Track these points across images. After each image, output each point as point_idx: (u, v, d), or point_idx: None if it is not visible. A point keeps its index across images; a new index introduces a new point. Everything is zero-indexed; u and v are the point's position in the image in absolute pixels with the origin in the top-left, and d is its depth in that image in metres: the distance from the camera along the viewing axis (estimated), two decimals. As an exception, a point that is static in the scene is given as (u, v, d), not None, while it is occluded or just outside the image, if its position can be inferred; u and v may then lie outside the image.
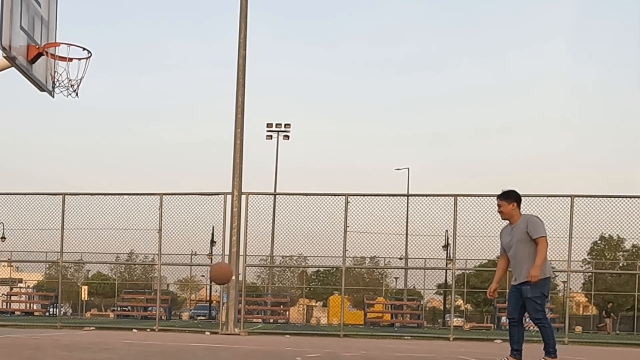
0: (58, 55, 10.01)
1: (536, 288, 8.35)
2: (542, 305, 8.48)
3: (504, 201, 8.59)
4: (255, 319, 33.74)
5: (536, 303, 8.39)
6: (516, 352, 8.60)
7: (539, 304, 8.41)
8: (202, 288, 55.95)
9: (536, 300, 8.38)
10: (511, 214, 8.56)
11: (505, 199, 8.58)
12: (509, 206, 8.55)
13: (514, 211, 8.56)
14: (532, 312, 8.46)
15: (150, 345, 11.54)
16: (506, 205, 8.56)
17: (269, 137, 53.57)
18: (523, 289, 8.41)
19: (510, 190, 8.66)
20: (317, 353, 10.61)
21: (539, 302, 8.40)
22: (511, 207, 8.55)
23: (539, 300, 8.39)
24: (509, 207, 8.55)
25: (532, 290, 8.35)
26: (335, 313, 39.46)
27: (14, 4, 8.99)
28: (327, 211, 18.80)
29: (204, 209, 19.09)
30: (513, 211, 8.55)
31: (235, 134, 18.34)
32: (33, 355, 8.42)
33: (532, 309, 8.43)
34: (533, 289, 8.35)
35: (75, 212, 19.60)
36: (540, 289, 8.39)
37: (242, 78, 18.24)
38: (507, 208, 8.56)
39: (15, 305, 40.64)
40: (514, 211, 8.55)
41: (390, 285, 49.36)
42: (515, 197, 8.60)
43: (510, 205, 8.55)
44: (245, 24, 18.22)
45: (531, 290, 8.36)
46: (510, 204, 8.55)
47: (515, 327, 8.61)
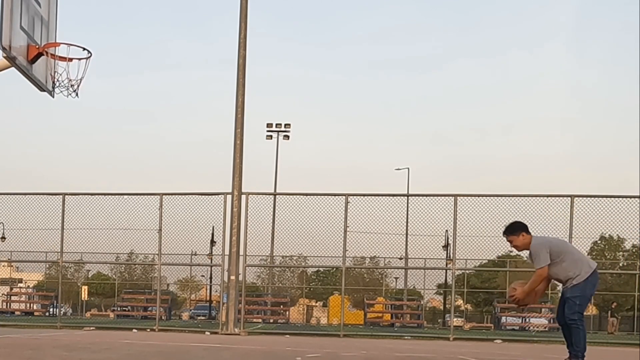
0: (58, 55, 10.01)
1: (576, 289, 8.29)
2: (581, 306, 8.36)
3: (512, 236, 8.49)
4: (255, 319, 33.74)
5: (573, 302, 8.30)
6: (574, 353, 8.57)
7: (577, 303, 8.31)
8: (202, 288, 55.95)
9: (574, 299, 8.30)
10: (524, 243, 8.47)
11: (512, 234, 8.50)
12: (519, 238, 8.46)
13: (526, 239, 8.45)
14: (567, 311, 8.38)
15: (150, 345, 11.54)
16: (517, 239, 8.47)
17: (269, 137, 53.58)
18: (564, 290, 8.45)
19: (513, 223, 8.59)
20: (317, 353, 10.61)
21: (577, 302, 8.31)
22: (522, 239, 8.46)
23: (576, 300, 8.30)
24: (520, 239, 8.46)
25: (570, 290, 8.32)
26: (335, 313, 39.46)
27: (14, 4, 8.98)
28: (327, 211, 18.82)
29: (204, 209, 19.11)
30: (525, 240, 8.45)
31: (235, 134, 18.35)
32: (33, 355, 8.43)
33: (568, 308, 8.35)
34: (572, 289, 8.31)
35: (75, 212, 19.62)
36: (579, 290, 8.30)
37: (242, 78, 18.25)
38: (519, 241, 8.47)
39: (15, 305, 40.65)
40: (525, 240, 8.45)
41: (390, 285, 49.37)
42: (521, 228, 8.51)
43: (521, 237, 8.46)
44: (245, 24, 18.23)
45: (570, 290, 8.33)
46: (519, 235, 8.46)
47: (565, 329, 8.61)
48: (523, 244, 8.47)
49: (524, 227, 8.50)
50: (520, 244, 8.48)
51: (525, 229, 8.49)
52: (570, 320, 8.37)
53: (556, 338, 19.96)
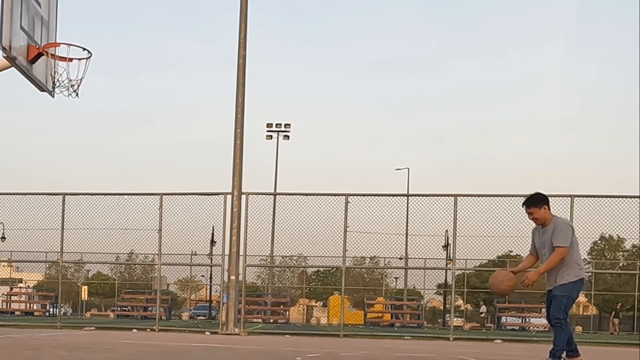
0: (58, 55, 10.01)
1: (564, 288, 8.17)
2: (567, 306, 8.21)
3: (534, 208, 8.32)
4: (255, 319, 33.74)
5: (560, 302, 8.17)
6: (571, 352, 8.34)
7: (564, 304, 8.17)
8: (202, 288, 55.96)
9: (561, 299, 8.17)
10: (545, 217, 8.32)
11: (534, 205, 8.33)
12: (541, 211, 8.31)
13: (547, 214, 8.32)
14: (553, 310, 8.21)
15: (150, 345, 11.54)
16: (538, 211, 8.31)
17: (269, 137, 53.60)
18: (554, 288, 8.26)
19: (535, 195, 8.42)
20: (317, 353, 10.61)
21: (564, 302, 8.16)
22: (543, 212, 8.31)
23: (564, 300, 8.17)
24: (541, 211, 8.31)
25: (559, 289, 8.19)
26: (335, 313, 39.47)
27: (14, 4, 8.99)
28: (327, 211, 18.81)
29: (204, 209, 19.11)
30: (546, 214, 8.32)
31: (235, 134, 18.35)
32: (33, 355, 8.43)
33: (554, 307, 8.20)
34: (561, 288, 8.18)
35: (75, 212, 19.62)
36: (568, 290, 8.18)
37: (242, 78, 18.25)
38: (540, 213, 8.32)
39: (15, 305, 40.65)
40: (546, 214, 8.32)
41: (390, 285, 49.38)
42: (543, 200, 8.37)
43: (542, 210, 8.31)
44: (245, 24, 18.23)
45: (558, 289, 8.19)
46: (541, 208, 8.31)
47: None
48: (543, 217, 8.31)
49: (546, 200, 8.36)
50: (541, 216, 8.31)
51: (547, 202, 8.35)
52: (555, 319, 8.20)
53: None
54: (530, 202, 8.37)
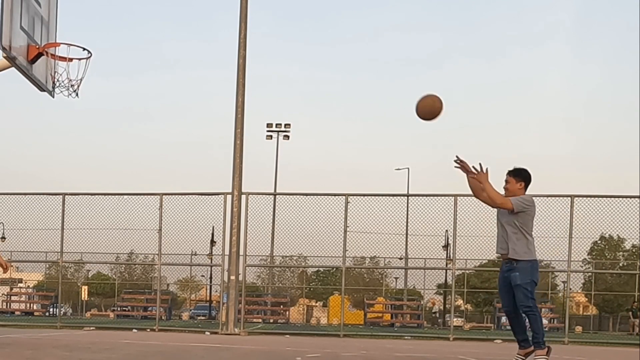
0: (58, 55, 10.02)
1: (525, 274, 7.95)
2: (532, 292, 8.00)
3: (512, 178, 8.19)
4: (255, 319, 33.75)
5: (526, 290, 7.95)
6: (523, 342, 8.15)
7: (530, 290, 7.96)
8: (202, 288, 55.96)
9: (526, 287, 7.94)
10: (515, 192, 8.14)
11: (514, 176, 8.19)
12: (517, 184, 8.16)
13: (520, 191, 8.15)
14: (522, 300, 7.98)
15: (150, 345, 11.53)
16: (514, 183, 8.17)
17: (269, 137, 53.59)
18: (511, 276, 7.99)
19: (521, 168, 8.26)
20: (317, 353, 10.61)
21: (529, 289, 7.95)
22: (518, 186, 8.16)
23: (529, 287, 7.95)
24: (516, 185, 8.16)
25: (520, 276, 7.94)
26: (335, 313, 39.47)
27: (14, 4, 8.99)
28: (327, 211, 18.81)
29: (204, 209, 19.11)
30: (519, 191, 8.15)
31: (235, 134, 18.35)
32: (33, 355, 8.42)
33: (522, 296, 7.96)
34: (522, 275, 7.94)
35: (75, 212, 19.61)
36: (530, 275, 7.97)
37: (242, 78, 18.24)
38: (514, 186, 8.16)
39: (15, 305, 40.64)
40: (519, 191, 8.15)
41: (390, 285, 49.38)
42: (524, 177, 8.22)
43: (518, 185, 8.17)
44: (245, 24, 18.23)
45: (520, 277, 7.94)
46: (518, 182, 8.17)
47: (514, 319, 8.19)
48: (514, 192, 8.14)
49: (527, 179, 8.23)
50: (513, 189, 8.15)
51: (527, 182, 8.22)
52: (526, 307, 7.99)
53: (556, 338, 19.94)
54: (513, 172, 8.24)
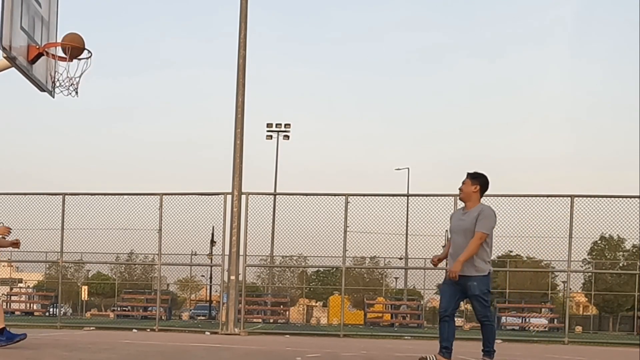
0: (58, 56, 10.01)
1: (482, 284, 7.84)
2: (489, 302, 7.98)
3: (469, 180, 8.01)
4: (255, 319, 33.76)
5: (484, 300, 7.88)
6: (445, 350, 8.02)
7: (487, 300, 7.90)
8: (202, 288, 55.96)
9: (484, 297, 7.86)
10: (470, 196, 7.97)
11: (472, 179, 8.01)
12: (472, 187, 7.97)
13: (474, 195, 7.95)
14: (480, 309, 7.94)
15: (150, 345, 11.54)
16: (469, 185, 7.99)
17: (269, 137, 53.59)
18: (468, 285, 7.86)
19: (480, 172, 8.08)
20: (317, 353, 10.61)
21: (486, 299, 7.89)
22: (473, 189, 7.97)
23: (486, 297, 7.89)
24: (471, 187, 7.97)
25: (479, 286, 7.83)
26: (335, 313, 39.47)
27: (14, 4, 8.99)
28: (327, 211, 18.81)
29: (204, 209, 19.10)
30: (473, 194, 7.95)
31: (235, 134, 18.34)
32: (33, 355, 8.42)
33: (480, 306, 7.91)
34: (479, 285, 7.83)
35: (75, 212, 19.60)
36: (486, 285, 7.89)
37: (242, 78, 18.24)
38: (469, 188, 7.98)
39: (15, 305, 40.64)
40: (474, 194, 7.95)
41: (390, 285, 49.37)
42: (481, 182, 8.01)
43: (473, 187, 7.97)
44: (245, 24, 18.23)
45: (478, 287, 7.83)
46: (473, 185, 7.97)
47: (446, 323, 8.02)
48: (468, 194, 7.98)
49: (484, 184, 8.04)
50: (467, 192, 7.98)
51: (483, 187, 8.03)
52: (484, 317, 7.97)
53: (556, 338, 19.97)
54: (471, 174, 8.09)
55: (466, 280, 7.89)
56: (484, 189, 8.06)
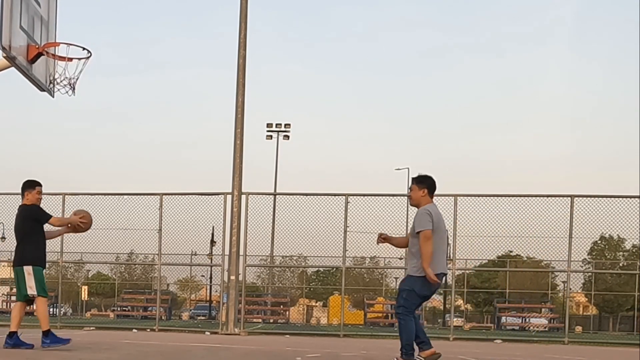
0: (58, 55, 10.01)
1: (409, 281, 7.76)
2: (408, 301, 7.72)
3: (415, 185, 7.94)
4: (255, 319, 33.76)
5: (401, 297, 7.76)
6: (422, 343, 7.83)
7: (404, 297, 7.71)
8: (202, 288, 55.96)
9: (402, 293, 7.75)
10: (419, 200, 7.92)
11: (418, 183, 7.93)
12: (419, 192, 7.92)
13: (423, 198, 7.90)
14: (396, 303, 7.88)
15: (150, 345, 11.53)
16: (416, 191, 7.93)
17: (269, 137, 53.59)
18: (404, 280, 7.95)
19: (425, 175, 8.03)
20: (317, 353, 10.61)
21: (404, 296, 7.72)
22: (421, 194, 7.92)
23: (404, 294, 7.72)
24: (419, 192, 7.92)
25: (405, 282, 7.84)
26: (335, 313, 39.47)
27: (14, 4, 8.98)
28: (327, 211, 18.80)
29: (204, 209, 19.09)
30: (422, 198, 7.90)
31: (235, 134, 18.34)
32: (33, 356, 8.42)
33: (397, 300, 7.85)
34: (407, 281, 7.81)
35: (75, 212, 19.54)
36: (413, 284, 7.73)
37: (242, 78, 18.24)
38: (417, 194, 7.92)
39: (15, 305, 40.59)
40: (423, 198, 7.90)
41: (390, 285, 49.37)
42: (427, 184, 7.93)
43: (421, 192, 7.92)
44: (245, 23, 18.23)
45: (404, 283, 7.84)
46: (420, 189, 7.91)
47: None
48: (417, 200, 7.93)
49: (431, 186, 7.96)
50: (415, 197, 7.93)
51: (430, 189, 7.95)
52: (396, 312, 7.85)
53: (556, 338, 19.97)
54: (416, 179, 8.03)
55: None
56: (431, 190, 8.00)
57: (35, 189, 9.98)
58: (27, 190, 9.96)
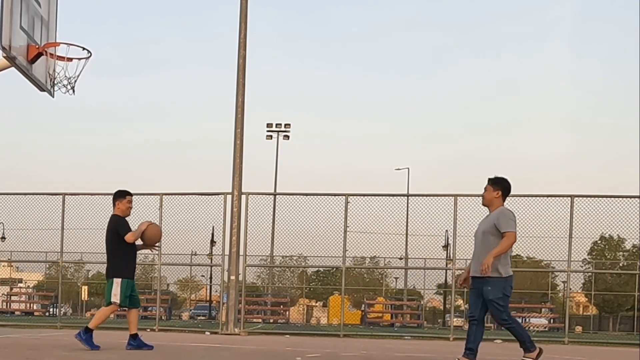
0: (58, 55, 10.01)
1: (496, 289, 7.91)
2: (505, 306, 8.00)
3: (490, 186, 8.12)
4: (255, 319, 33.75)
5: (498, 304, 7.93)
6: (469, 351, 8.05)
7: (502, 305, 7.94)
8: (202, 288, 55.97)
9: (498, 302, 7.93)
10: (492, 201, 8.10)
11: (493, 184, 8.12)
12: (493, 193, 8.09)
13: (496, 200, 8.08)
14: (495, 315, 8.03)
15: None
16: (490, 191, 8.11)
17: (269, 137, 53.60)
18: (483, 289, 7.96)
19: (501, 177, 8.18)
20: (317, 353, 10.60)
21: (501, 304, 7.93)
22: (495, 195, 8.08)
23: (501, 302, 7.93)
24: (493, 193, 8.09)
25: (492, 291, 7.91)
26: (335, 313, 39.48)
27: (14, 4, 8.98)
28: (327, 211, 18.79)
29: (204, 209, 19.08)
30: (495, 200, 8.08)
31: (235, 134, 18.33)
32: (33, 355, 8.42)
33: (495, 312, 7.99)
34: (493, 290, 7.91)
35: (75, 212, 19.57)
36: (502, 290, 7.94)
37: (242, 78, 18.23)
38: (491, 194, 8.10)
39: (15, 305, 40.65)
40: (496, 200, 8.08)
41: (390, 285, 49.39)
42: (502, 186, 8.11)
43: (495, 193, 8.08)
44: (245, 23, 18.22)
45: (492, 292, 7.91)
46: (495, 190, 8.09)
47: (474, 326, 8.09)
48: (490, 200, 8.10)
49: (505, 189, 8.12)
50: (489, 198, 8.10)
51: (505, 192, 8.12)
52: (502, 321, 8.02)
53: (556, 338, 19.96)
54: (492, 180, 8.17)
55: (482, 283, 8.00)
56: (505, 193, 8.17)
57: (125, 198, 10.01)
58: (117, 200, 9.99)
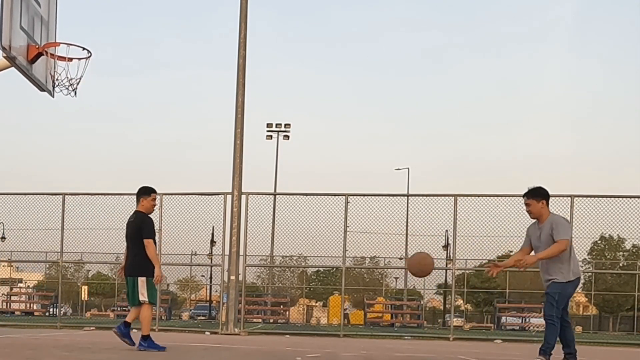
0: (58, 55, 10.00)
1: (557, 285, 8.09)
2: (559, 303, 8.09)
3: (532, 200, 8.24)
4: (255, 319, 33.74)
5: (553, 299, 8.07)
6: (569, 355, 8.26)
7: (556, 300, 8.07)
8: (202, 288, 55.97)
9: (554, 296, 8.07)
10: (540, 212, 8.24)
11: (533, 197, 8.24)
12: (538, 204, 8.23)
13: (543, 209, 8.23)
14: (546, 308, 8.17)
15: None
16: (535, 204, 8.23)
17: (269, 137, 53.61)
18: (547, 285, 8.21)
19: (537, 188, 8.32)
20: (317, 353, 10.60)
21: (556, 299, 8.07)
22: (540, 206, 8.22)
23: (556, 297, 8.07)
24: (538, 205, 8.22)
25: (552, 286, 8.11)
26: (335, 313, 39.48)
27: (14, 4, 8.98)
28: (327, 211, 18.79)
29: (204, 209, 19.08)
30: (542, 209, 8.23)
31: (235, 134, 18.33)
32: (33, 355, 8.42)
33: (547, 304, 8.13)
34: (554, 285, 8.10)
35: (75, 212, 19.57)
36: (562, 288, 8.10)
37: (242, 78, 18.23)
38: (537, 207, 8.23)
39: (15, 305, 40.62)
40: (543, 209, 8.23)
41: (390, 285, 49.39)
42: (543, 195, 8.27)
43: (540, 204, 8.22)
44: (245, 24, 18.22)
45: (552, 286, 8.11)
46: (539, 202, 8.23)
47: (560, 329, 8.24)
48: (538, 212, 8.23)
49: (547, 196, 8.28)
50: (536, 211, 8.23)
51: (547, 198, 8.27)
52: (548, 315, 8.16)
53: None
54: (531, 193, 8.29)
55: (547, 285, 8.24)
56: (548, 199, 8.33)
57: (150, 195, 9.88)
58: (142, 197, 9.86)
